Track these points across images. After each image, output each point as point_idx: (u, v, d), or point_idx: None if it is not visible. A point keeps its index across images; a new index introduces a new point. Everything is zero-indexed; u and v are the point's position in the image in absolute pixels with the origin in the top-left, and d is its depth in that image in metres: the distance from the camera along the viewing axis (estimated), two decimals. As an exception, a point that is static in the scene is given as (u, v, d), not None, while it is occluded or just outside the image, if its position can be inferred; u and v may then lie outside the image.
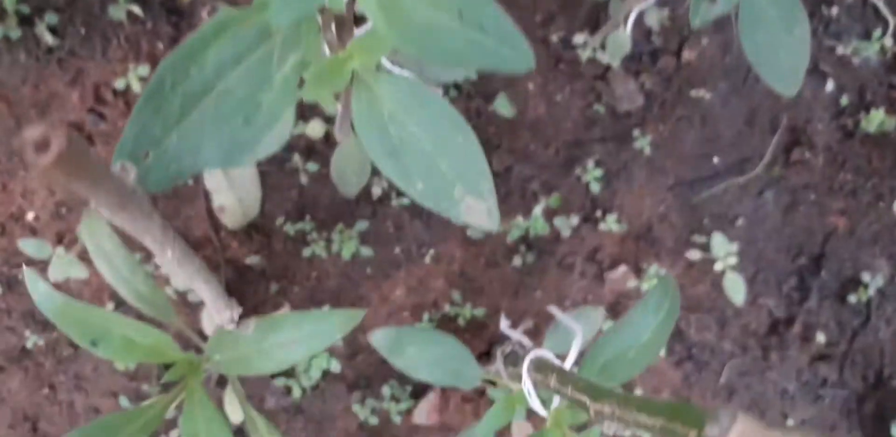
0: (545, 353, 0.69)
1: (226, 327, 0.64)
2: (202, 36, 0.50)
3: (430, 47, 0.44)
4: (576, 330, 0.70)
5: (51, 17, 0.96)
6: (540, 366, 0.67)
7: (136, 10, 0.97)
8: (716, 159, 1.10)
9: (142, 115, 0.50)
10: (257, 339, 0.63)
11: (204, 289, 0.63)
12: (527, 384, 0.70)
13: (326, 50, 0.56)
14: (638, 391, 1.04)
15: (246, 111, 0.51)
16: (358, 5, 0.45)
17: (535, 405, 0.68)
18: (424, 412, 1.00)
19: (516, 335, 0.80)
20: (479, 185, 0.56)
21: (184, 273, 0.62)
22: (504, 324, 0.84)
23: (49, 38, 0.96)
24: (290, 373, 0.96)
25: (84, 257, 0.91)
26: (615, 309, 1.06)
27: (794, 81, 0.72)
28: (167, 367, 0.71)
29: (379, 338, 0.74)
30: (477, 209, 0.66)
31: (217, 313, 0.64)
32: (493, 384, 0.80)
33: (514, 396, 0.71)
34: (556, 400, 0.68)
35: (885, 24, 1.13)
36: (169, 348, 0.71)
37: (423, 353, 0.74)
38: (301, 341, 0.62)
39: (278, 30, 0.50)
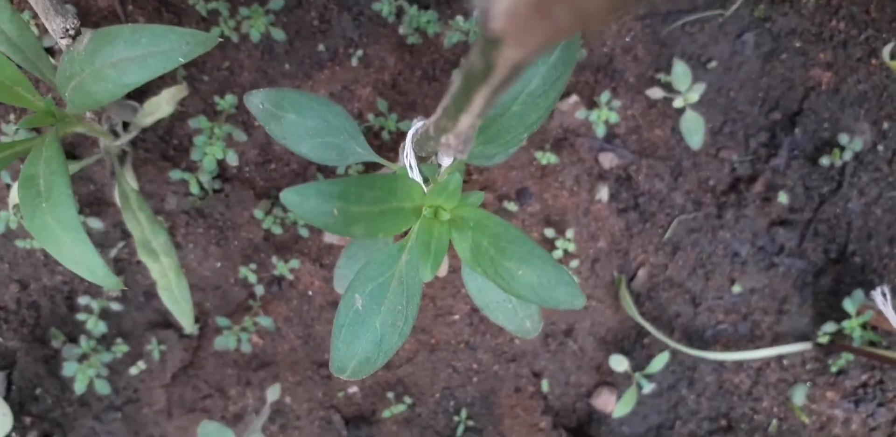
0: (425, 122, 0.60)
1: (62, 41, 0.56)
2: None
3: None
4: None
5: None
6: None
7: None
8: (697, -9, 0.98)
9: None
10: (89, 57, 0.54)
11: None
12: (409, 157, 0.62)
13: None
14: (570, 232, 0.96)
15: None
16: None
17: (416, 176, 0.60)
18: (336, 231, 0.92)
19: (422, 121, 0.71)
20: None
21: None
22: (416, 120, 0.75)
23: None
24: (190, 166, 0.88)
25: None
26: (559, 145, 0.97)
27: None
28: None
29: (256, 100, 0.64)
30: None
31: (50, 23, 0.55)
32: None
33: (398, 171, 0.63)
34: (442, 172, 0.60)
35: None
36: (26, 92, 0.63)
37: (305, 121, 0.65)
38: (136, 60, 0.54)
39: None
